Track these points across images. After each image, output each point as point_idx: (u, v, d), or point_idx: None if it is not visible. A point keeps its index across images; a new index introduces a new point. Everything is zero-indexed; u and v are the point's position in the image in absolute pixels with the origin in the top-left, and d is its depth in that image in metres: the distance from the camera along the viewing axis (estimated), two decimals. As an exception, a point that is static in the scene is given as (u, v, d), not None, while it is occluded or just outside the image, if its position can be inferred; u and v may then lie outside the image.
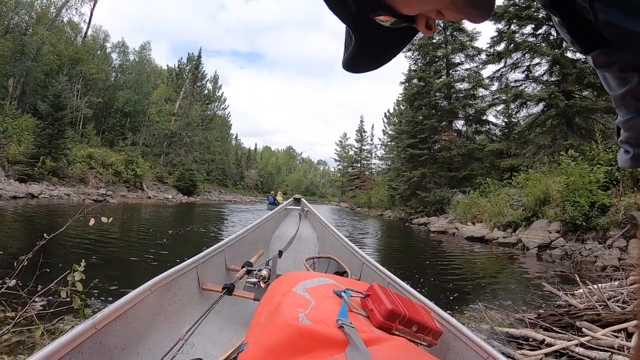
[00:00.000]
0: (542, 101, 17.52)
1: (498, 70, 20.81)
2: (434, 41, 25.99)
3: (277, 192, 30.99)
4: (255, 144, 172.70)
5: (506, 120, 23.63)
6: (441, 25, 26.56)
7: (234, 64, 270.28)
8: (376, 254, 9.28)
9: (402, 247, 11.79)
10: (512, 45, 19.00)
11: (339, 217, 26.15)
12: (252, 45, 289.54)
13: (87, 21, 39.40)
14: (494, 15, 18.66)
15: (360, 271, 2.62)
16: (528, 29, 18.86)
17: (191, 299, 2.00)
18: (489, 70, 21.69)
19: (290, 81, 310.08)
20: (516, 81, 19.94)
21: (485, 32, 57.55)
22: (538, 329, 3.23)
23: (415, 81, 27.38)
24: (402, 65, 32.33)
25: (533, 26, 18.51)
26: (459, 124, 25.62)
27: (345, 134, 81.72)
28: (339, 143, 78.36)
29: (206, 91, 57.42)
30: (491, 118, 24.24)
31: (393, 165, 36.51)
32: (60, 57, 32.64)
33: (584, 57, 0.55)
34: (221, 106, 64.58)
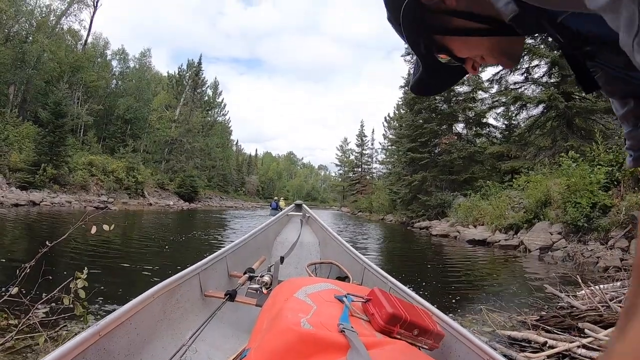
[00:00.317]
0: (542, 103, 17.50)
1: (497, 72, 20.85)
2: (433, 45, 26.01)
3: (280, 198, 31.14)
4: (255, 150, 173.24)
5: (506, 122, 23.63)
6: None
7: (234, 71, 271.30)
8: (378, 259, 9.27)
9: (404, 252, 11.78)
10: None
11: (341, 222, 26.13)
12: (252, 51, 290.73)
13: (87, 28, 39.57)
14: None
15: (362, 276, 2.62)
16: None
17: (194, 305, 2.01)
18: (489, 72, 21.71)
19: (289, 86, 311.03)
20: (515, 83, 19.97)
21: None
22: (540, 331, 3.23)
23: (414, 85, 27.40)
24: (402, 69, 32.39)
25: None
26: (459, 127, 25.66)
27: (345, 139, 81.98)
28: (340, 148, 78.54)
29: (206, 97, 57.56)
30: (491, 121, 24.33)
31: (394, 169, 36.49)
32: (60, 65, 32.76)
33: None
34: (221, 112, 64.75)
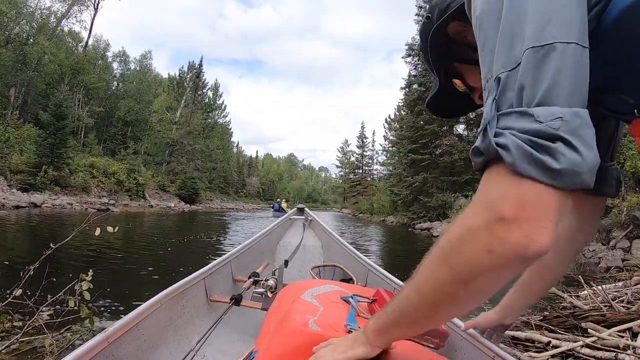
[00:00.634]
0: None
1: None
2: (434, 46, 26.04)
3: (282, 200, 31.40)
4: (256, 152, 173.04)
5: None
6: (440, 30, 26.69)
7: (234, 73, 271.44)
8: (380, 261, 9.27)
9: (405, 253, 11.78)
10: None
11: (341, 224, 26.13)
12: (252, 53, 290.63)
13: (88, 30, 39.65)
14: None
15: (366, 278, 2.63)
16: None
17: (199, 311, 2.02)
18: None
19: (290, 88, 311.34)
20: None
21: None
22: (543, 331, 3.23)
23: (415, 86, 27.50)
24: (402, 70, 32.52)
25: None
26: (460, 128, 25.70)
27: (346, 140, 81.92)
28: (340, 149, 78.60)
29: (207, 99, 57.62)
30: (492, 121, 24.23)
31: (395, 170, 36.50)
32: (61, 67, 32.81)
33: None
34: (222, 114, 64.85)
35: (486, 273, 0.57)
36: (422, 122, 25.83)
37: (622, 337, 2.76)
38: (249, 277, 2.24)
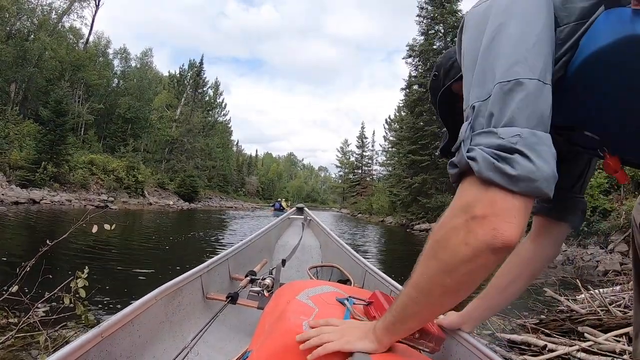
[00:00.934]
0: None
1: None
2: (435, 47, 26.06)
3: (283, 199, 31.88)
4: (256, 151, 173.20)
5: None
6: (441, 31, 26.70)
7: (234, 72, 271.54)
8: (378, 261, 9.27)
9: (404, 254, 11.77)
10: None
11: (340, 224, 26.12)
12: (252, 52, 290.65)
13: (89, 27, 39.61)
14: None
15: (363, 279, 2.62)
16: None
17: (195, 308, 2.00)
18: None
19: (290, 88, 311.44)
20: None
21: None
22: (540, 335, 3.23)
23: (416, 87, 27.47)
24: (403, 71, 32.55)
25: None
26: (460, 130, 25.62)
27: (346, 141, 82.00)
28: (340, 149, 78.66)
29: (207, 98, 57.58)
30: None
31: (394, 171, 36.49)
32: (62, 63, 32.76)
33: None
34: (222, 113, 64.75)
35: (465, 263, 0.68)
36: (422, 123, 25.82)
37: (619, 342, 2.76)
38: (246, 276, 2.23)
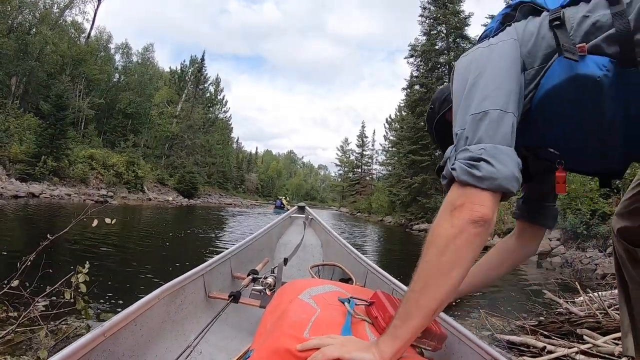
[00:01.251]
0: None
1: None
2: (437, 48, 26.03)
3: (284, 197, 32.30)
4: (256, 148, 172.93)
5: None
6: (444, 32, 26.65)
7: (235, 69, 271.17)
8: (378, 261, 9.27)
9: (403, 254, 11.78)
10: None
11: (339, 223, 26.12)
12: (254, 50, 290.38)
13: (91, 22, 39.55)
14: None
15: (365, 278, 2.61)
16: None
17: (198, 307, 2.00)
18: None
19: (291, 86, 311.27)
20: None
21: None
22: (539, 336, 3.23)
23: (417, 87, 27.44)
24: (404, 71, 32.49)
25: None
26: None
27: (346, 139, 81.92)
28: (340, 148, 78.49)
29: (208, 94, 57.49)
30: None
31: (394, 171, 36.47)
32: (63, 57, 32.70)
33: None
34: (223, 109, 64.69)
35: (453, 239, 0.86)
36: (423, 123, 25.59)
37: (617, 345, 2.75)
38: (248, 275, 2.22)
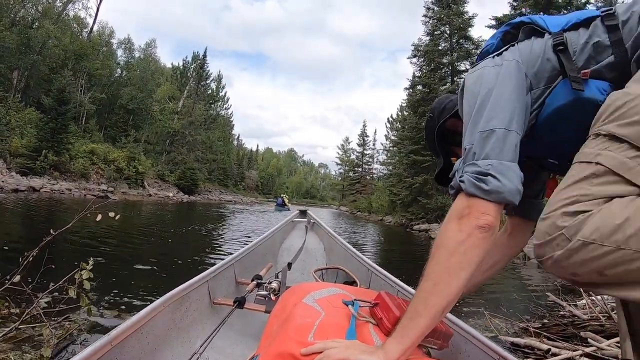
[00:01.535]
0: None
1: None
2: (440, 48, 26.00)
3: (285, 195, 32.68)
4: (257, 145, 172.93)
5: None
6: (447, 32, 26.61)
7: (237, 66, 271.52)
8: (379, 261, 9.26)
9: (404, 254, 11.78)
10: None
11: (339, 222, 26.12)
12: (255, 47, 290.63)
13: (93, 16, 39.53)
14: (500, 23, 18.74)
15: (369, 280, 2.61)
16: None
17: (203, 314, 2.01)
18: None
19: (292, 84, 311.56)
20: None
21: (490, 40, 57.43)
22: (542, 339, 3.22)
23: (419, 87, 27.41)
24: (406, 70, 32.47)
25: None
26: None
27: (347, 138, 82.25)
28: (341, 147, 78.54)
29: (210, 91, 57.49)
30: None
31: (395, 170, 36.41)
32: (65, 52, 32.69)
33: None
34: (224, 106, 64.75)
35: (462, 243, 0.92)
36: (425, 123, 25.70)
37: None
38: (252, 280, 2.23)
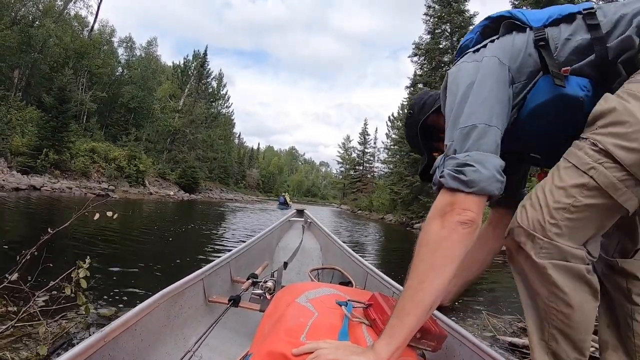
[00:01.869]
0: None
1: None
2: (441, 47, 25.97)
3: (287, 194, 33.01)
4: (258, 144, 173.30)
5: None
6: (448, 30, 26.59)
7: (238, 64, 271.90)
8: (378, 260, 9.27)
9: (404, 253, 11.76)
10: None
11: (340, 221, 26.11)
12: (257, 44, 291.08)
13: (94, 15, 39.55)
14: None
15: (364, 281, 2.61)
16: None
17: (197, 311, 2.00)
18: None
19: (294, 82, 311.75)
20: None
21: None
22: (541, 340, 3.21)
23: (420, 86, 27.38)
24: (407, 69, 32.49)
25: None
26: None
27: (348, 136, 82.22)
28: (342, 145, 78.42)
29: (211, 89, 57.49)
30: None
31: (396, 169, 36.34)
32: (66, 50, 32.70)
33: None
34: (225, 104, 64.71)
35: (445, 239, 0.94)
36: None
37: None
38: (248, 278, 2.22)
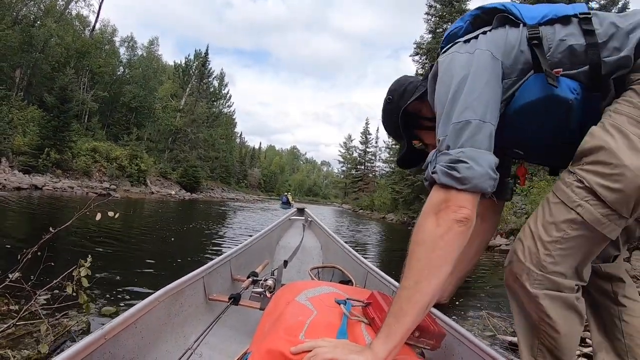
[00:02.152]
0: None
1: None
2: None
3: (289, 193, 33.23)
4: (259, 143, 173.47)
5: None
6: (449, 29, 26.57)
7: (239, 63, 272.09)
8: (378, 259, 9.26)
9: (405, 253, 11.73)
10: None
11: (342, 220, 26.10)
12: (258, 44, 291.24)
13: (96, 14, 39.59)
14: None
15: (364, 280, 2.61)
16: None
17: (198, 309, 2.01)
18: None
19: (295, 81, 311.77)
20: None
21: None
22: (541, 339, 3.21)
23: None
24: (409, 68, 32.45)
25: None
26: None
27: (350, 136, 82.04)
28: (344, 145, 78.27)
29: (212, 88, 57.50)
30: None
31: (397, 168, 36.38)
32: (67, 50, 32.76)
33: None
34: (226, 104, 64.70)
35: (441, 237, 0.93)
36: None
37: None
38: (248, 277, 2.22)
